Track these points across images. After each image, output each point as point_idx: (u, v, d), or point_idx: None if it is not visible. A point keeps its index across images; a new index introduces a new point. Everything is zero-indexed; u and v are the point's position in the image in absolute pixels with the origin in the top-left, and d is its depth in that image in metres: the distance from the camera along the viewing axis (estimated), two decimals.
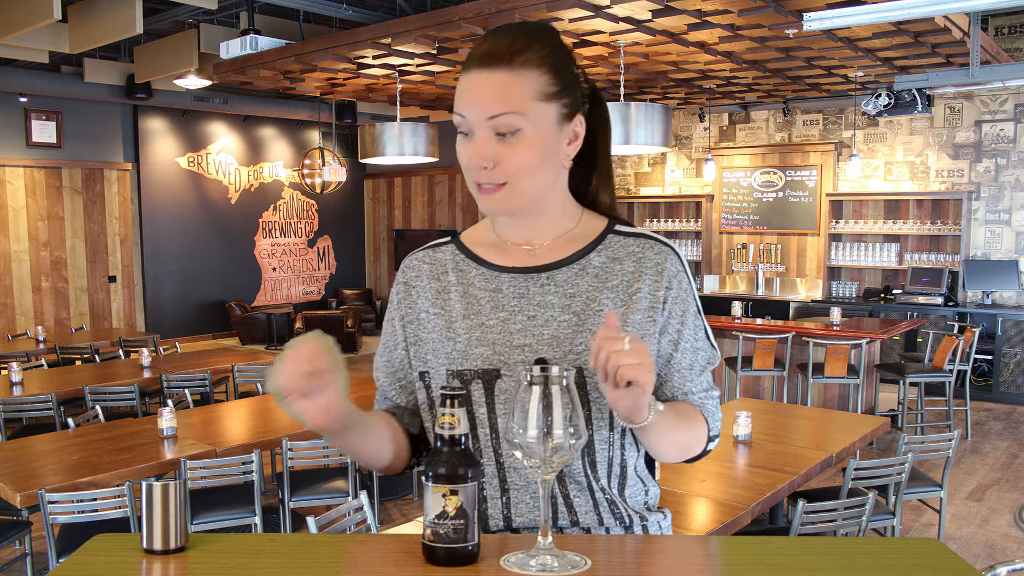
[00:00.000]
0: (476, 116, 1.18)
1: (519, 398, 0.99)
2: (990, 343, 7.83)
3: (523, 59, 1.18)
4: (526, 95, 1.18)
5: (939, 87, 6.03)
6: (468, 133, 1.20)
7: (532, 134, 1.19)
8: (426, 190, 13.10)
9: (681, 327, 1.27)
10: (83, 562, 1.04)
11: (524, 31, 1.21)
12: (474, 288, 1.29)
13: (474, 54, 1.20)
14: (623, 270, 1.26)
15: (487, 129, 1.18)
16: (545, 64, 1.20)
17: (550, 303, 1.25)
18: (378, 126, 7.57)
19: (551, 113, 1.20)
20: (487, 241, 1.33)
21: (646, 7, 5.24)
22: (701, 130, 10.32)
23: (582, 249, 1.28)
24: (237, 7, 7.79)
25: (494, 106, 1.17)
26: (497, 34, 1.21)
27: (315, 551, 1.10)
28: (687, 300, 1.28)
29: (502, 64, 1.18)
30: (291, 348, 1.05)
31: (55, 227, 10.48)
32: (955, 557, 1.04)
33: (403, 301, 1.34)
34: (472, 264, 1.31)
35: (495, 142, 1.18)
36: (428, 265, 1.34)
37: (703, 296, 9.68)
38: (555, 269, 1.27)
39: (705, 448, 1.32)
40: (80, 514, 3.15)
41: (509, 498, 1.23)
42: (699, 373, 1.29)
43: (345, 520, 2.84)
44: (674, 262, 1.27)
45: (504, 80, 1.18)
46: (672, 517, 1.40)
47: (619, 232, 1.30)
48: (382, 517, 4.81)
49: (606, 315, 1.12)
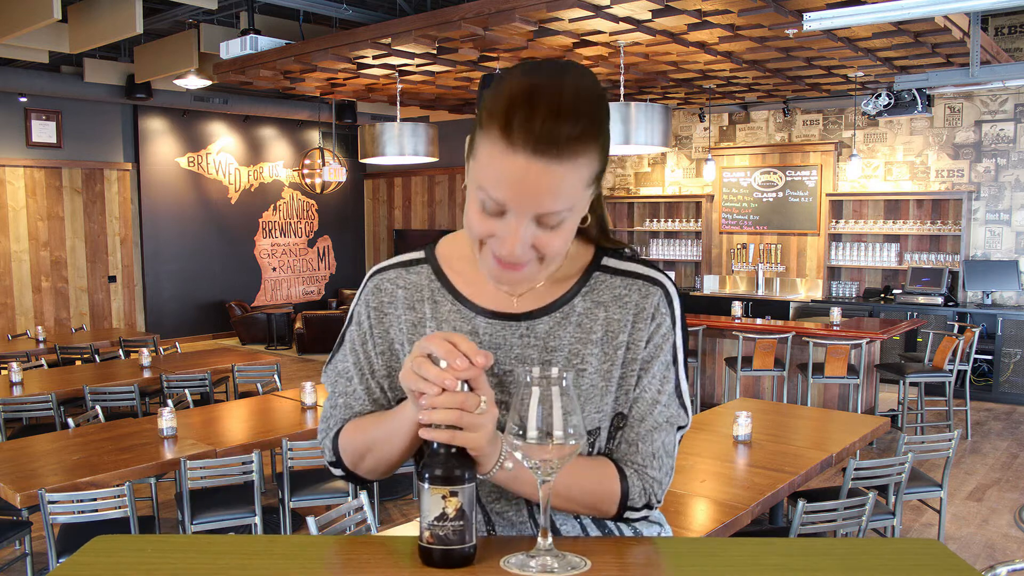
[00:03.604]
0: (521, 210, 1.02)
1: (518, 399, 0.99)
2: (990, 343, 7.83)
3: (582, 147, 1.00)
4: (579, 187, 1.03)
5: (939, 87, 6.02)
6: (496, 213, 1.04)
7: (574, 219, 1.07)
8: (426, 190, 13.10)
9: (644, 373, 1.17)
10: (83, 562, 1.04)
11: (580, 102, 1.00)
12: (448, 326, 1.19)
13: (521, 131, 0.98)
14: (608, 318, 1.17)
15: (527, 219, 1.03)
16: (596, 144, 1.02)
17: (529, 358, 1.16)
18: (378, 126, 7.57)
19: (592, 191, 1.08)
20: (467, 269, 1.21)
21: (646, 7, 5.24)
22: (701, 130, 10.32)
23: (566, 294, 1.18)
24: (237, 7, 7.79)
25: (548, 204, 1.01)
26: (551, 105, 0.98)
27: (315, 551, 1.10)
28: (662, 346, 1.17)
29: (556, 155, 0.99)
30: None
31: (55, 227, 10.48)
32: (955, 557, 1.04)
33: (375, 328, 1.22)
34: (448, 297, 1.20)
35: (533, 228, 1.03)
36: (402, 291, 1.22)
37: (703, 296, 9.68)
38: (536, 318, 1.17)
39: (621, 515, 1.18)
40: (80, 514, 3.15)
41: (489, 511, 1.21)
42: (651, 431, 1.17)
43: (345, 520, 2.84)
44: (660, 303, 1.17)
45: (560, 175, 1.00)
46: (672, 517, 1.38)
47: (606, 268, 1.20)
48: (382, 517, 4.81)
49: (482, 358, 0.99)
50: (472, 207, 1.07)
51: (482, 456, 1.02)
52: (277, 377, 5.74)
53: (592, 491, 1.15)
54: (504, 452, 1.05)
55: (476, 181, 1.05)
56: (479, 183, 1.04)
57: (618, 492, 1.16)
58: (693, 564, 1.05)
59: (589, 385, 1.16)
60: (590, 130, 1.00)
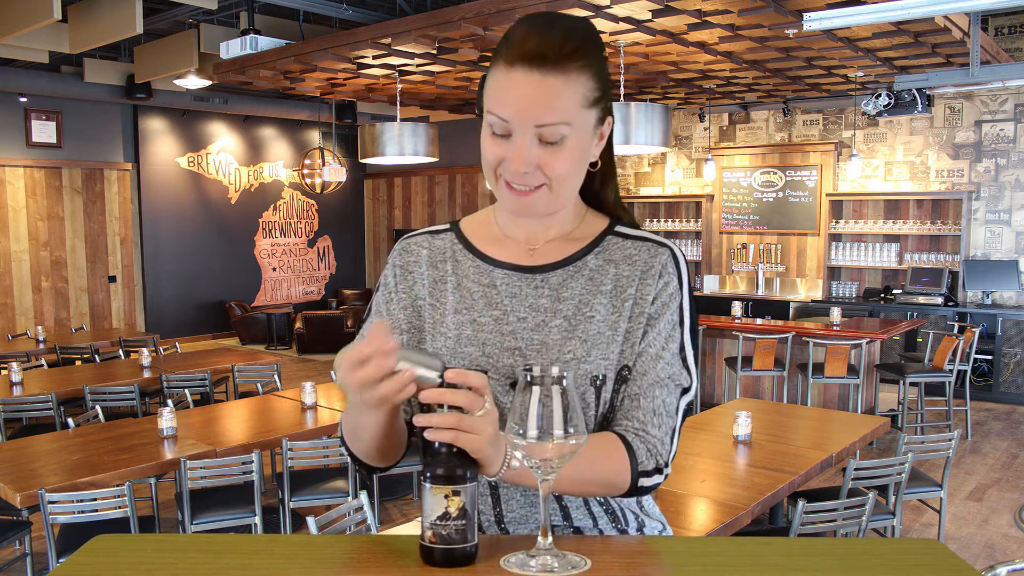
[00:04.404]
0: (521, 122, 1.11)
1: (519, 398, 0.99)
2: (990, 343, 7.83)
3: (576, 63, 1.11)
4: (576, 103, 1.13)
5: (939, 87, 6.03)
6: (503, 133, 1.13)
7: (576, 141, 1.14)
8: (426, 190, 13.10)
9: (649, 329, 1.21)
10: (83, 562, 1.04)
11: (572, 29, 1.13)
12: (468, 280, 1.26)
13: (517, 49, 1.10)
14: (618, 273, 1.23)
15: (530, 134, 1.12)
16: (593, 67, 1.14)
17: (542, 306, 1.22)
18: (378, 126, 7.57)
19: (592, 118, 1.16)
20: (487, 233, 1.30)
21: (646, 7, 5.24)
22: (701, 130, 10.32)
23: (580, 251, 1.25)
24: (237, 7, 7.79)
25: (544, 115, 1.11)
26: (542, 29, 1.12)
27: (315, 551, 1.10)
28: (668, 304, 1.22)
29: (553, 67, 1.10)
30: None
31: (55, 227, 10.48)
32: (955, 557, 1.04)
33: (400, 285, 1.29)
34: (468, 255, 1.28)
35: (537, 147, 1.12)
36: (427, 251, 1.30)
37: (703, 296, 9.68)
38: (550, 271, 1.24)
39: (636, 484, 1.17)
40: (80, 514, 3.15)
41: (499, 496, 1.22)
42: (652, 385, 1.20)
43: (345, 520, 2.84)
44: (668, 263, 1.23)
45: (556, 87, 1.10)
46: (672, 517, 1.38)
47: (619, 234, 1.27)
48: (382, 517, 4.81)
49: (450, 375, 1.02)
50: (484, 135, 1.16)
51: (484, 458, 1.03)
52: (277, 377, 5.75)
53: (602, 464, 1.15)
54: (509, 452, 1.05)
55: (485, 108, 1.15)
56: (487, 108, 1.14)
57: (626, 458, 1.16)
58: (693, 564, 1.05)
59: (596, 332, 1.20)
60: (582, 49, 1.11)
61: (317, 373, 9.35)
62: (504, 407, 1.18)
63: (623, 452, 1.16)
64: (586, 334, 1.19)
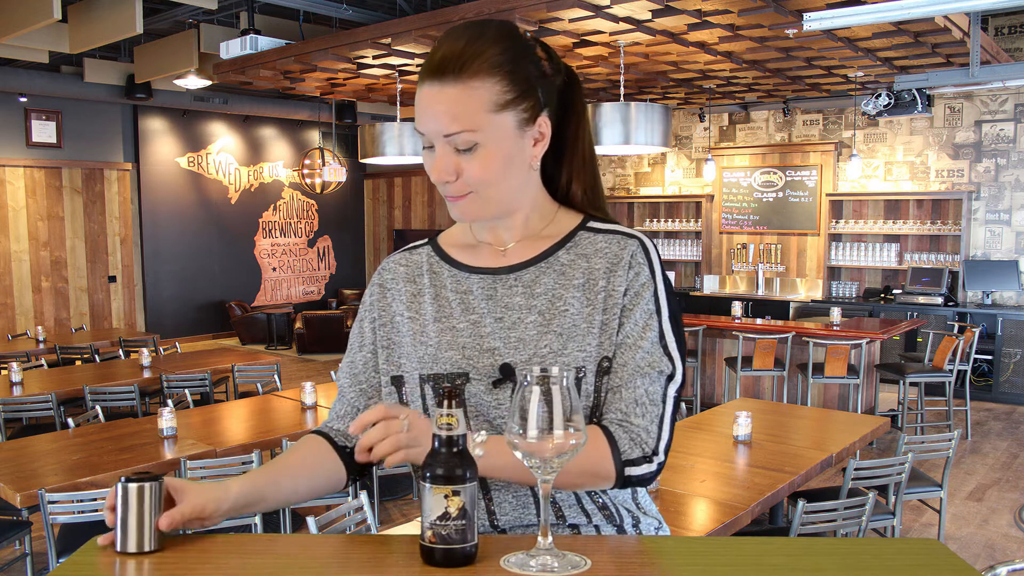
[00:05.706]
0: (433, 134, 1.17)
1: (519, 398, 0.99)
2: (990, 343, 7.83)
3: (473, 69, 1.13)
4: (478, 109, 1.14)
5: (939, 87, 6.02)
6: (428, 146, 1.19)
7: (490, 147, 1.16)
8: (426, 190, 13.10)
9: (625, 320, 1.21)
10: (83, 562, 1.04)
11: (478, 34, 1.15)
12: (446, 290, 1.28)
13: (427, 63, 1.15)
14: (588, 267, 1.24)
15: (444, 145, 1.16)
16: (498, 71, 1.15)
17: (516, 304, 1.24)
18: (378, 126, 7.57)
19: (508, 122, 1.17)
20: (462, 242, 1.32)
21: (646, 7, 5.24)
22: (701, 130, 10.32)
23: (550, 247, 1.26)
24: (237, 7, 7.79)
25: (448, 124, 1.15)
26: (451, 39, 1.15)
27: (315, 551, 1.10)
28: (641, 294, 1.22)
29: (451, 76, 1.13)
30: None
31: (55, 227, 10.48)
32: (955, 557, 1.04)
33: (376, 304, 1.33)
34: (445, 266, 1.31)
35: (453, 155, 1.16)
36: (404, 268, 1.33)
37: (703, 296, 9.69)
38: (522, 269, 1.26)
39: (623, 473, 1.16)
40: (80, 514, 3.14)
41: (492, 497, 1.23)
42: (632, 375, 1.19)
43: (345, 520, 2.84)
44: (636, 253, 1.23)
45: (454, 96, 1.14)
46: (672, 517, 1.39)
47: (590, 228, 1.28)
48: (382, 517, 4.81)
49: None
50: (423, 152, 1.22)
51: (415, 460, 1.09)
52: (277, 377, 5.74)
53: (583, 455, 1.10)
54: (473, 442, 1.06)
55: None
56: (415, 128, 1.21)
57: (607, 447, 1.15)
58: (693, 564, 1.05)
59: (571, 325, 1.21)
60: (485, 55, 1.14)
61: (317, 373, 9.35)
62: (487, 405, 1.21)
63: (604, 442, 1.16)
64: (561, 328, 1.21)
